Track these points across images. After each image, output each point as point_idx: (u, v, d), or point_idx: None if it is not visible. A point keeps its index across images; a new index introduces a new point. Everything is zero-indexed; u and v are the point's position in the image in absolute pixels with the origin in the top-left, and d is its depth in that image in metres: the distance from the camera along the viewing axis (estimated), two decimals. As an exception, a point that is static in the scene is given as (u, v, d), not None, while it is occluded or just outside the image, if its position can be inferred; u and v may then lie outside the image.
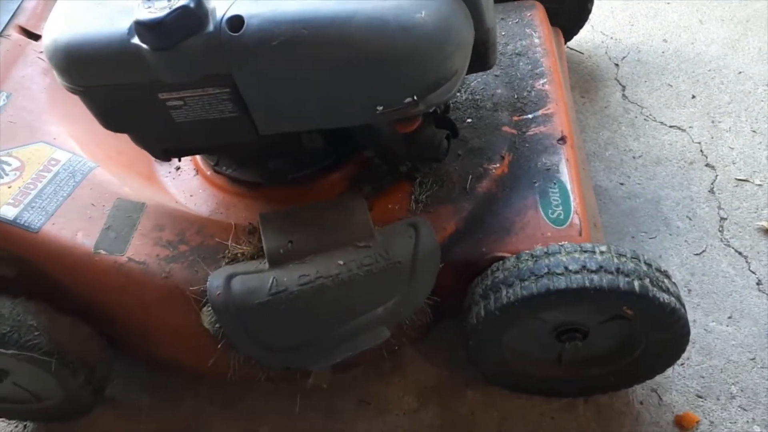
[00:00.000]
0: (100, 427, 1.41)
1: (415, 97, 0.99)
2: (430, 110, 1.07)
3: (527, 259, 1.12)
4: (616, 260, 1.09)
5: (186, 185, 1.33)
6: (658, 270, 1.13)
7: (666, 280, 1.12)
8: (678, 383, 1.37)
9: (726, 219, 1.62)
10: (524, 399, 1.37)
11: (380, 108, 1.00)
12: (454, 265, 1.20)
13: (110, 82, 1.01)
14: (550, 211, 1.23)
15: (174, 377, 1.43)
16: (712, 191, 1.67)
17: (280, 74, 0.97)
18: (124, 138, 1.17)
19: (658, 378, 1.32)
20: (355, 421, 1.38)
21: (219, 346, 1.15)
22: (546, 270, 1.08)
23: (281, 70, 0.96)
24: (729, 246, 1.57)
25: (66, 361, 1.19)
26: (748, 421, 1.32)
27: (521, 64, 1.47)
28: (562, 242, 1.15)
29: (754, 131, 1.79)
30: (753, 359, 1.39)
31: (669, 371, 1.30)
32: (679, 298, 1.12)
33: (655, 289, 1.07)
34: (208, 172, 1.33)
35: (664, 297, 1.08)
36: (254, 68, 0.96)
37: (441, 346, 1.43)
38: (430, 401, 1.39)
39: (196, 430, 1.40)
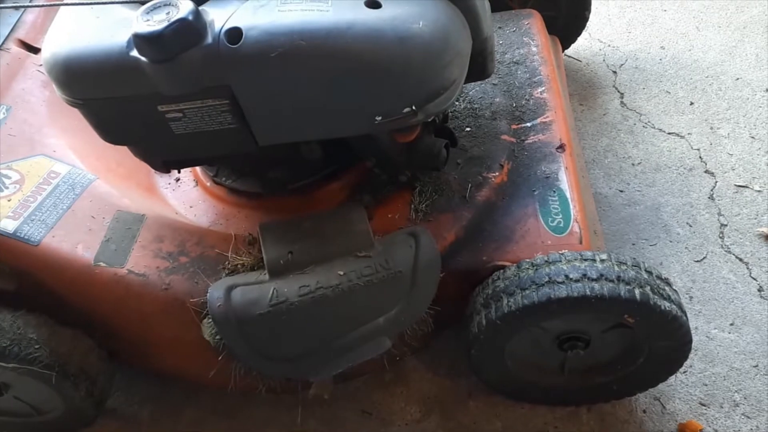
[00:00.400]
0: (101, 440, 1.40)
1: (414, 107, 1.00)
2: (429, 120, 1.08)
3: (528, 268, 1.12)
4: (616, 268, 1.08)
5: (186, 196, 1.33)
6: (659, 277, 1.12)
7: (667, 288, 1.12)
8: (681, 391, 1.37)
9: (726, 225, 1.62)
10: (527, 408, 1.36)
11: (379, 118, 1.00)
12: (454, 274, 1.20)
13: (109, 95, 1.01)
14: (550, 219, 1.23)
15: (175, 388, 1.43)
16: (711, 198, 1.67)
17: (279, 85, 0.97)
18: (123, 150, 1.17)
19: (661, 386, 1.31)
20: (357, 431, 1.37)
21: (220, 357, 1.15)
22: (547, 279, 1.08)
23: (280, 81, 0.96)
24: (730, 252, 1.57)
25: (67, 374, 1.19)
26: (752, 429, 1.31)
27: (519, 72, 1.48)
28: (563, 250, 1.15)
29: (752, 137, 1.79)
30: (756, 366, 1.39)
31: (672, 379, 1.29)
32: (680, 306, 1.12)
33: (656, 296, 1.07)
34: (208, 183, 1.33)
35: (666, 305, 1.08)
36: (253, 80, 0.97)
37: (443, 355, 1.43)
38: (432, 411, 1.38)
39: (198, 442, 1.40)
